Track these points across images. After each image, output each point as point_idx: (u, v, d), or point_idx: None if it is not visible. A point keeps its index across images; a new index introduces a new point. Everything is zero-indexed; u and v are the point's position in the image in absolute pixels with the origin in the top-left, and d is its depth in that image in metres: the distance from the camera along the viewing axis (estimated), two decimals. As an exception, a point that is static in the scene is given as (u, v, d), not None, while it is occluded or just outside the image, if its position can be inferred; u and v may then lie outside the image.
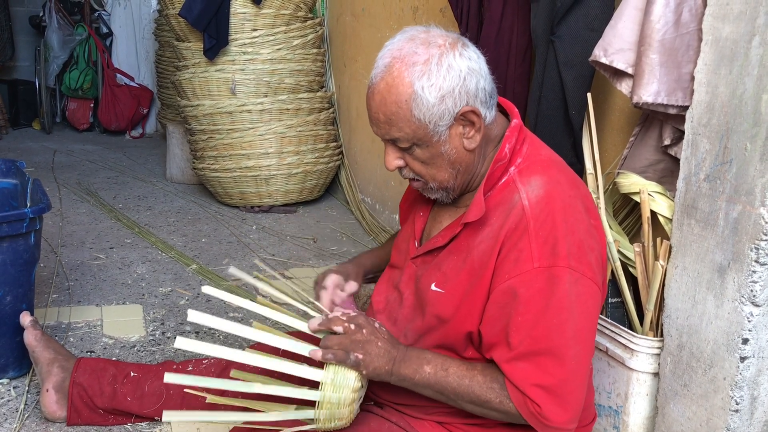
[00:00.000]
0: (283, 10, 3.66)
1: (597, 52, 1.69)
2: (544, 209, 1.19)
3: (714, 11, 1.38)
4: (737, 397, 1.34)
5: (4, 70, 6.57)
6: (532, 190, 1.21)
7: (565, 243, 1.17)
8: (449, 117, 1.20)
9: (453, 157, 1.24)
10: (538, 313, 1.16)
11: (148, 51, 6.27)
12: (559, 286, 1.16)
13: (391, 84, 1.19)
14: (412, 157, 1.25)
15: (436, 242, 1.32)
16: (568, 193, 1.22)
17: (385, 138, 1.25)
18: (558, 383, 1.16)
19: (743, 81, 1.31)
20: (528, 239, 1.18)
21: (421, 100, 1.17)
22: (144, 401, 1.65)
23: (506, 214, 1.21)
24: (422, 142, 1.22)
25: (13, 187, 2.27)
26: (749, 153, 1.30)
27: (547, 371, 1.16)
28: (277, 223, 3.66)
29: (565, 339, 1.16)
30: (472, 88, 1.20)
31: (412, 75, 1.17)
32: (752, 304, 1.31)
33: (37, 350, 1.75)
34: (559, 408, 1.16)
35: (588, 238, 1.21)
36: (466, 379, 1.21)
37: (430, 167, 1.25)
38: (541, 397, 1.16)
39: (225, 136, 3.70)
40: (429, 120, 1.19)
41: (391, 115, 1.20)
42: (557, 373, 1.16)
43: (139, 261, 2.95)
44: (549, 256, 1.17)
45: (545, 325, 1.16)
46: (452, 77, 1.18)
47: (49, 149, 5.39)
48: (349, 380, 1.24)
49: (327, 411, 1.25)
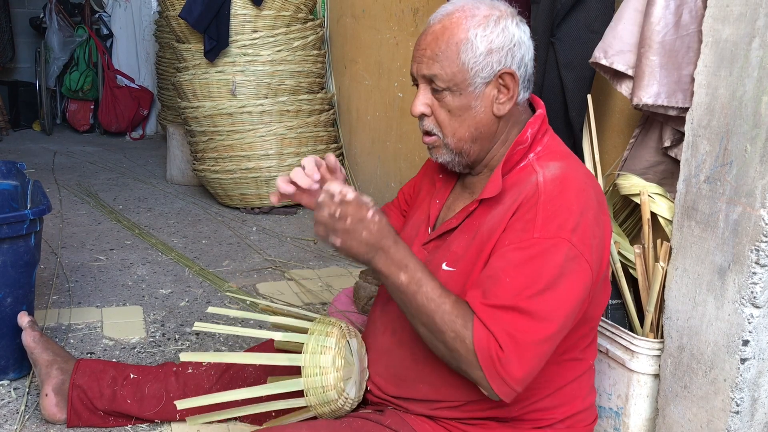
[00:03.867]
0: (283, 11, 3.66)
1: (597, 54, 1.69)
2: (557, 186, 1.21)
3: (714, 13, 1.38)
4: (738, 398, 1.34)
5: (4, 72, 6.58)
6: (549, 171, 1.24)
7: (571, 221, 1.18)
8: (490, 72, 1.24)
9: (479, 117, 1.27)
10: (527, 274, 1.15)
11: (148, 52, 6.28)
12: (555, 256, 1.16)
13: (448, 26, 1.25)
14: (442, 104, 1.27)
15: (450, 224, 1.35)
16: (583, 181, 1.25)
17: (424, 74, 1.27)
18: (528, 343, 1.14)
19: (743, 83, 1.32)
20: (536, 211, 1.19)
21: (471, 45, 1.23)
22: (144, 403, 1.65)
23: (520, 191, 1.24)
24: (458, 88, 1.25)
25: (13, 189, 2.27)
26: (749, 154, 1.30)
27: (520, 327, 1.14)
28: (277, 224, 3.66)
29: (545, 306, 1.14)
30: (518, 57, 1.26)
31: (469, 23, 1.24)
32: (752, 305, 1.31)
33: (36, 352, 1.74)
34: (519, 365, 1.14)
35: (594, 225, 1.21)
36: (432, 303, 1.18)
37: (455, 119, 1.27)
38: (508, 345, 1.13)
39: (225, 138, 3.71)
40: (471, 67, 1.23)
41: (438, 51, 1.24)
42: (529, 333, 1.14)
43: (139, 262, 2.95)
44: (553, 229, 1.17)
45: (531, 287, 1.14)
46: (505, 37, 1.24)
47: (49, 151, 5.40)
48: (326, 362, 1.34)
49: (314, 396, 1.34)
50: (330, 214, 1.19)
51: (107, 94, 6.11)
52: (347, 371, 1.36)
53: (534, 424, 1.33)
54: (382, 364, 1.41)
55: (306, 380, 1.34)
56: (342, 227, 1.19)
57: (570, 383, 1.34)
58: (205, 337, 2.26)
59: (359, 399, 1.42)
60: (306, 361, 1.35)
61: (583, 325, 1.31)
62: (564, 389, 1.33)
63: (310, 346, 1.36)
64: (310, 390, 1.34)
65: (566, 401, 1.34)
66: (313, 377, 1.34)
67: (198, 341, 2.24)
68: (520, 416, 1.32)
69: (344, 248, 1.21)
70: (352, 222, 1.19)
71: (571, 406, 1.35)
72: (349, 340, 1.40)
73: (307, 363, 1.35)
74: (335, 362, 1.34)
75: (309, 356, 1.35)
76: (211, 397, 1.40)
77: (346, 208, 1.19)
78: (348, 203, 1.19)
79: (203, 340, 2.25)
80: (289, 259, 3.09)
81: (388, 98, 3.56)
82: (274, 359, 1.39)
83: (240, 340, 2.24)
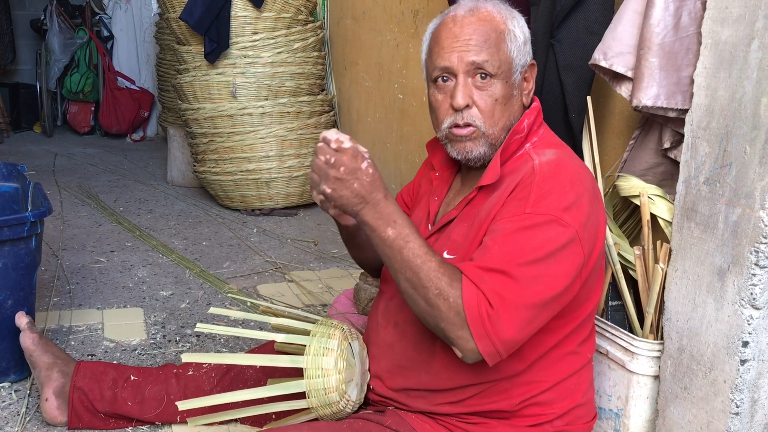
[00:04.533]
0: (283, 13, 3.67)
1: (597, 56, 1.70)
2: (553, 169, 1.24)
3: (713, 15, 1.39)
4: (737, 400, 1.34)
5: (5, 74, 6.59)
6: (546, 156, 1.27)
7: (564, 200, 1.18)
8: (525, 62, 1.31)
9: (515, 107, 1.32)
10: (516, 243, 1.15)
11: (148, 54, 6.28)
12: (546, 231, 1.16)
13: (487, 18, 1.28)
14: (488, 92, 1.28)
15: (450, 215, 1.36)
16: (578, 166, 1.28)
17: (473, 60, 1.26)
18: (517, 304, 1.13)
19: (742, 84, 1.32)
20: (530, 190, 1.21)
21: (514, 35, 1.28)
22: (144, 406, 1.65)
23: (517, 176, 1.26)
24: (506, 75, 1.28)
25: (14, 191, 2.27)
26: (749, 156, 1.30)
27: (509, 289, 1.13)
28: (278, 226, 3.66)
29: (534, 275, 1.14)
30: (532, 50, 1.34)
31: (501, 14, 1.29)
32: (752, 307, 1.31)
33: (35, 354, 1.73)
34: (509, 325, 1.12)
35: (588, 208, 1.21)
36: (418, 260, 1.16)
37: (499, 108, 1.29)
38: (497, 303, 1.12)
39: (226, 139, 3.71)
40: (516, 55, 1.28)
41: (488, 37, 1.26)
42: (518, 296, 1.13)
43: (140, 264, 2.95)
44: (544, 206, 1.18)
45: (520, 256, 1.14)
46: (526, 30, 1.32)
47: (50, 152, 5.40)
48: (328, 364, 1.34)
49: (316, 398, 1.35)
50: (325, 161, 1.18)
51: (108, 95, 6.11)
52: (349, 373, 1.37)
53: (533, 420, 1.34)
54: (384, 358, 1.42)
55: (308, 382, 1.34)
56: (335, 175, 1.17)
57: (569, 377, 1.35)
58: (206, 338, 2.27)
59: (360, 401, 1.42)
60: (308, 362, 1.35)
61: (577, 310, 1.30)
62: (563, 384, 1.34)
63: (312, 348, 1.37)
64: (311, 392, 1.35)
65: (565, 396, 1.35)
66: (315, 379, 1.34)
67: (199, 343, 2.24)
68: (519, 411, 1.32)
69: (334, 197, 1.19)
70: (345, 171, 1.17)
71: (570, 400, 1.35)
72: (351, 343, 1.41)
73: (309, 365, 1.35)
74: (337, 364, 1.35)
75: (311, 358, 1.36)
76: (213, 399, 1.40)
77: (341, 156, 1.17)
78: (344, 151, 1.17)
79: (204, 341, 2.25)
80: (289, 260, 3.10)
81: (389, 100, 3.56)
82: (275, 361, 1.40)
83: (241, 342, 2.24)
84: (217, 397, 1.39)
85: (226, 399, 1.39)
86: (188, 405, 1.39)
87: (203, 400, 1.40)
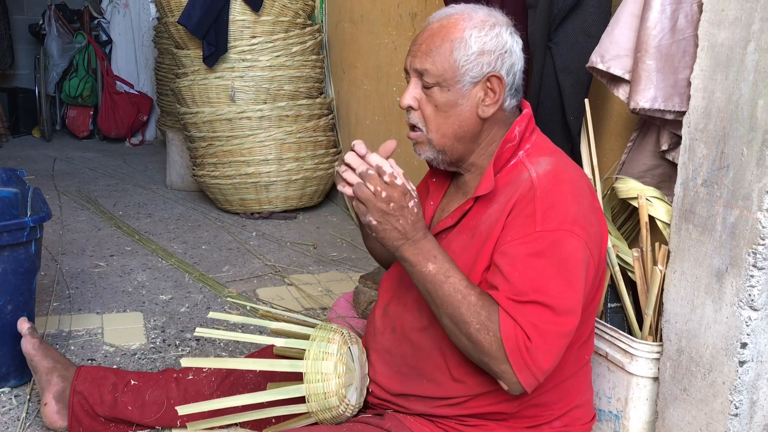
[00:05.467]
0: (281, 17, 3.68)
1: (594, 59, 1.70)
2: (551, 180, 1.24)
3: (709, 17, 1.39)
4: (736, 401, 1.35)
5: (3, 78, 6.59)
6: (541, 167, 1.27)
7: (570, 212, 1.20)
8: (479, 73, 1.27)
9: (464, 116, 1.29)
10: (538, 268, 1.17)
11: (147, 58, 6.29)
12: (561, 248, 1.18)
13: (446, 26, 1.29)
14: (429, 99, 1.30)
15: (445, 223, 1.36)
16: (574, 173, 1.29)
17: (416, 68, 1.30)
18: (552, 333, 1.16)
19: (739, 86, 1.32)
20: (534, 206, 1.22)
21: (465, 45, 1.27)
22: (144, 410, 1.65)
23: (515, 189, 1.26)
24: (447, 83, 1.28)
25: (13, 196, 2.27)
26: (746, 158, 1.30)
27: (544, 319, 1.16)
28: (277, 229, 3.66)
29: (564, 300, 1.17)
30: (507, 64, 1.29)
31: (466, 24, 1.28)
32: (750, 308, 1.31)
33: (36, 359, 1.74)
34: (546, 355, 1.16)
35: (590, 214, 1.24)
36: (459, 294, 1.19)
37: (440, 115, 1.30)
38: (534, 335, 1.15)
39: (224, 143, 3.71)
40: (462, 65, 1.27)
41: (433, 47, 1.28)
42: (553, 325, 1.16)
43: (139, 268, 2.95)
44: (554, 222, 1.19)
45: (544, 282, 1.17)
46: (497, 42, 1.28)
47: (49, 157, 5.40)
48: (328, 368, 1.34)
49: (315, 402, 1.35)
50: (374, 192, 1.19)
51: (106, 100, 6.12)
52: (348, 377, 1.37)
53: (532, 422, 1.34)
54: (383, 363, 1.42)
55: (307, 386, 1.35)
56: (383, 209, 1.19)
57: (568, 378, 1.36)
58: (206, 342, 2.27)
59: (360, 405, 1.42)
60: (308, 367, 1.36)
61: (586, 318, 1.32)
62: (562, 384, 1.35)
63: (311, 353, 1.37)
64: (311, 396, 1.35)
65: (563, 396, 1.36)
66: (315, 383, 1.34)
67: (198, 347, 2.24)
68: (518, 412, 1.33)
69: (378, 229, 1.21)
70: (394, 207, 1.20)
71: (568, 401, 1.36)
72: (351, 347, 1.41)
73: (308, 369, 1.35)
74: (337, 368, 1.35)
75: (311, 362, 1.36)
76: (213, 403, 1.40)
77: (392, 192, 1.20)
78: (395, 188, 1.20)
79: (203, 345, 2.25)
80: (288, 264, 3.10)
81: (387, 103, 3.57)
82: (275, 365, 1.40)
83: (240, 346, 2.24)
84: (217, 402, 1.40)
85: (226, 404, 1.39)
86: (188, 410, 1.39)
87: (203, 405, 1.40)
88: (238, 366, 1.48)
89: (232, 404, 1.39)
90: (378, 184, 1.20)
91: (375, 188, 1.20)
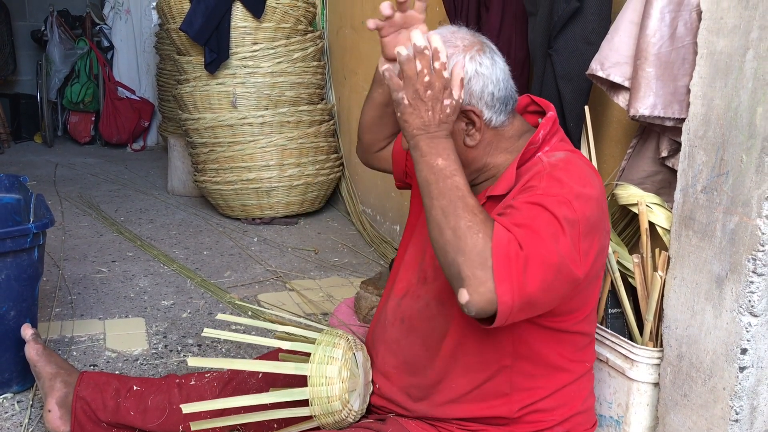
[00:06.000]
0: (283, 23, 3.69)
1: (594, 66, 1.71)
2: (561, 165, 1.24)
3: (708, 25, 1.40)
4: (737, 406, 1.35)
5: (6, 84, 6.61)
6: (555, 156, 1.27)
7: (574, 189, 1.18)
8: None
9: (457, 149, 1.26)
10: (534, 214, 1.15)
11: (149, 64, 6.31)
12: (557, 209, 1.15)
13: None
14: None
15: None
16: (589, 168, 1.28)
17: None
18: (542, 257, 1.11)
19: (738, 94, 1.33)
20: (540, 178, 1.22)
21: None
22: (147, 415, 1.66)
23: (527, 177, 1.26)
24: None
25: (16, 203, 2.28)
26: (745, 165, 1.31)
27: (539, 243, 1.12)
28: (278, 234, 3.67)
29: (554, 238, 1.13)
30: (476, 90, 1.25)
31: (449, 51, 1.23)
32: (750, 314, 1.32)
33: (39, 365, 1.75)
34: (534, 277, 1.10)
35: (595, 206, 1.20)
36: (459, 192, 1.16)
37: None
38: (529, 246, 1.10)
39: (226, 149, 3.72)
40: None
41: None
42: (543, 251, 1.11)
43: (141, 274, 2.96)
44: (555, 190, 1.18)
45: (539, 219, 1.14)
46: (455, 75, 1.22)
47: (50, 163, 5.42)
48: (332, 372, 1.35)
49: (319, 406, 1.35)
50: (419, 72, 1.17)
51: (108, 105, 6.14)
52: (352, 383, 1.38)
53: (532, 427, 1.34)
54: (392, 354, 1.43)
55: (311, 389, 1.35)
56: (419, 92, 1.17)
57: (569, 384, 1.36)
58: (208, 348, 2.27)
59: (362, 412, 1.43)
60: (312, 370, 1.36)
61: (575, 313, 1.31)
62: (563, 390, 1.35)
63: (317, 356, 1.38)
64: (314, 399, 1.35)
65: (565, 402, 1.36)
66: (319, 387, 1.35)
67: (200, 352, 2.25)
68: (519, 417, 1.33)
69: (404, 110, 1.19)
70: (430, 96, 1.18)
71: (570, 407, 1.36)
72: (355, 353, 1.42)
73: (313, 372, 1.36)
74: (341, 373, 1.36)
75: (315, 366, 1.37)
76: (216, 403, 1.41)
77: (434, 80, 1.17)
78: (440, 78, 1.17)
79: (205, 351, 2.25)
80: (290, 269, 3.11)
81: (388, 109, 3.57)
82: (280, 367, 1.40)
83: (242, 352, 2.25)
84: (221, 402, 1.40)
85: (230, 404, 1.40)
86: (192, 408, 1.40)
87: (206, 404, 1.41)
88: (244, 367, 1.49)
89: (236, 405, 1.39)
90: (426, 66, 1.17)
91: (420, 69, 1.17)
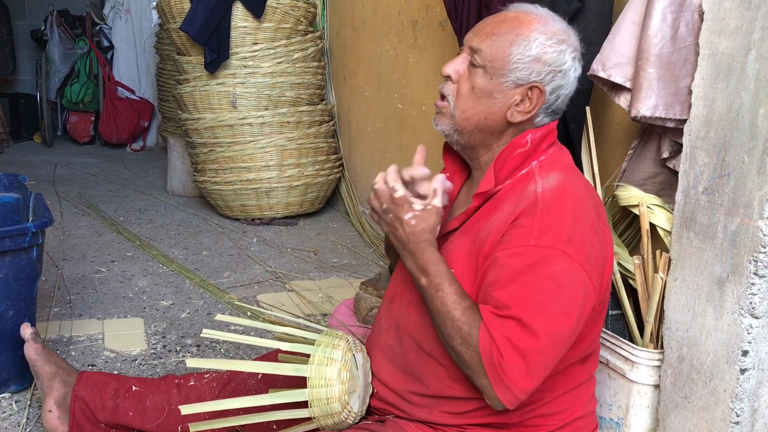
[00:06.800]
0: (283, 23, 3.69)
1: (595, 66, 1.71)
2: (555, 197, 1.24)
3: (710, 26, 1.40)
4: (738, 409, 1.35)
5: (5, 84, 6.60)
6: (548, 181, 1.27)
7: (567, 231, 1.19)
8: (525, 77, 1.28)
9: (493, 109, 1.30)
10: (526, 284, 1.17)
11: (149, 64, 6.30)
12: (551, 266, 1.17)
13: (520, 19, 1.29)
14: (470, 78, 1.31)
15: (451, 225, 1.37)
16: (582, 192, 1.27)
17: (471, 45, 1.31)
18: (529, 351, 1.15)
19: (740, 95, 1.33)
20: (532, 220, 1.21)
21: (526, 44, 1.27)
22: (145, 416, 1.65)
23: (520, 200, 1.26)
24: (492, 71, 1.29)
25: (15, 202, 2.28)
26: (747, 166, 1.31)
27: (521, 337, 1.15)
28: (278, 235, 3.67)
29: (545, 322, 1.15)
30: (556, 83, 1.29)
31: (538, 27, 1.28)
32: (751, 316, 1.31)
33: (38, 364, 1.74)
34: (523, 374, 1.15)
35: (592, 235, 1.22)
36: (445, 309, 1.22)
37: (472, 98, 1.31)
38: (508, 352, 1.15)
39: (226, 149, 3.72)
40: (514, 62, 1.27)
41: (496, 32, 1.29)
42: (530, 344, 1.15)
43: (140, 274, 2.95)
44: (548, 239, 1.19)
45: (530, 298, 1.16)
46: (557, 59, 1.28)
47: (50, 162, 5.41)
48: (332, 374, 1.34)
49: (318, 407, 1.34)
50: (379, 204, 1.30)
51: (108, 105, 6.13)
52: (352, 384, 1.37)
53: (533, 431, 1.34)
54: (388, 361, 1.42)
55: (311, 391, 1.35)
56: (386, 220, 1.30)
57: (571, 390, 1.35)
58: (207, 348, 2.27)
59: (362, 413, 1.42)
60: (312, 371, 1.36)
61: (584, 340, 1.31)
62: (565, 396, 1.35)
63: (316, 358, 1.37)
64: (314, 401, 1.35)
65: (566, 407, 1.35)
66: (318, 388, 1.34)
67: (199, 353, 2.24)
68: (520, 423, 1.33)
69: (389, 237, 1.33)
70: (392, 219, 1.29)
71: (571, 412, 1.36)
72: (355, 354, 1.41)
73: (312, 374, 1.35)
74: (341, 375, 1.35)
75: (315, 367, 1.36)
76: (215, 404, 1.40)
77: (390, 204, 1.29)
78: (394, 200, 1.28)
79: (204, 351, 2.25)
80: (289, 270, 3.10)
81: (388, 110, 3.57)
82: (280, 368, 1.40)
83: (241, 353, 2.25)
84: (220, 403, 1.40)
85: (228, 405, 1.39)
86: (191, 409, 1.39)
87: (205, 405, 1.41)
88: (243, 368, 1.48)
89: (235, 406, 1.39)
90: (384, 198, 1.30)
91: (379, 203, 1.30)
